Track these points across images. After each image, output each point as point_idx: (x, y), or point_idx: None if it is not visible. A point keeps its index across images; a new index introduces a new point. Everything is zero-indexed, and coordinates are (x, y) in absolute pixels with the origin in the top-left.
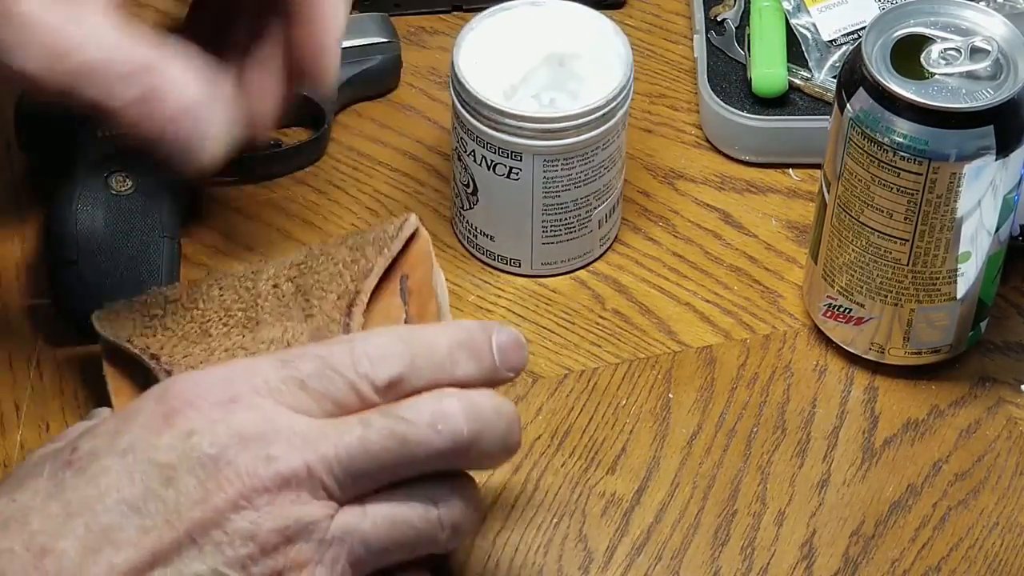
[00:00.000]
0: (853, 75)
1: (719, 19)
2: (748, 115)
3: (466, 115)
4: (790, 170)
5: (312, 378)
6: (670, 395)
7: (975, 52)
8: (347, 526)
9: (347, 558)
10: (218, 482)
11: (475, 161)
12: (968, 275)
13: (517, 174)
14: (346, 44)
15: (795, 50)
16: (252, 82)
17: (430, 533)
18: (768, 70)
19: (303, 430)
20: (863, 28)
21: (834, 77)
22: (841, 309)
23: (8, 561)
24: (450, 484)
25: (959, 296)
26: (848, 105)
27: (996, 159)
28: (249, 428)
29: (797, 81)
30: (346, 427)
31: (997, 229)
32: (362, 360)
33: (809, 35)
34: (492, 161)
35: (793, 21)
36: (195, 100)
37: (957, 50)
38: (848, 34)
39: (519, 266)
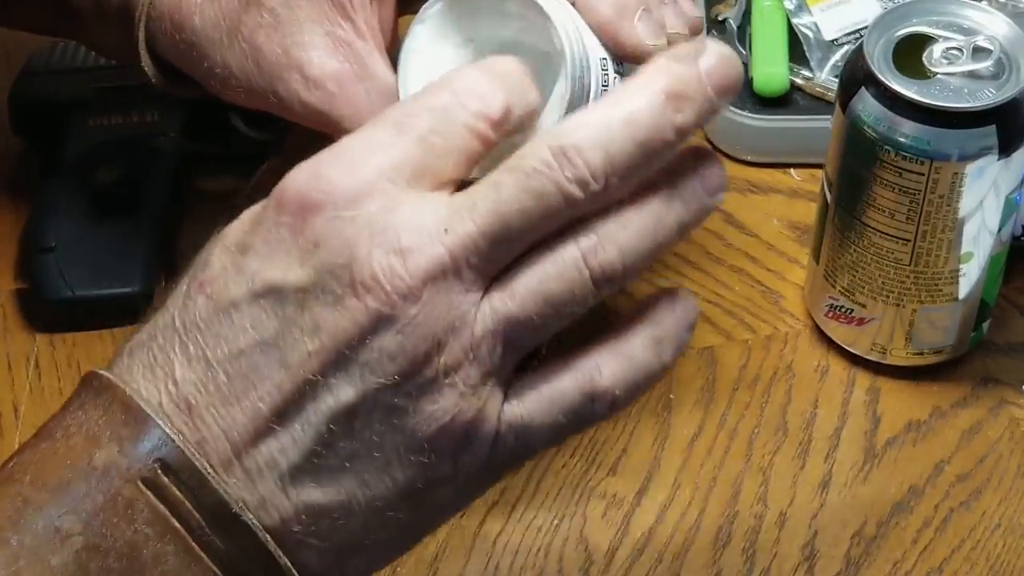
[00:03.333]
0: (855, 75)
1: (720, 18)
2: (750, 115)
3: None
4: (792, 170)
5: (432, 133)
6: (671, 396)
7: (977, 52)
8: (496, 313)
9: (501, 348)
10: (356, 293)
11: None
12: (970, 275)
13: None
14: None
15: (797, 50)
16: None
17: (581, 293)
18: (770, 69)
19: (432, 209)
20: (865, 27)
21: (836, 77)
22: (843, 309)
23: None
24: (595, 223)
25: (961, 297)
26: (850, 105)
27: (998, 159)
28: (377, 220)
29: (799, 81)
30: (479, 194)
31: (999, 229)
32: (469, 97)
33: (811, 34)
34: None
35: (795, 20)
36: None
37: (959, 50)
38: (850, 33)
39: None
